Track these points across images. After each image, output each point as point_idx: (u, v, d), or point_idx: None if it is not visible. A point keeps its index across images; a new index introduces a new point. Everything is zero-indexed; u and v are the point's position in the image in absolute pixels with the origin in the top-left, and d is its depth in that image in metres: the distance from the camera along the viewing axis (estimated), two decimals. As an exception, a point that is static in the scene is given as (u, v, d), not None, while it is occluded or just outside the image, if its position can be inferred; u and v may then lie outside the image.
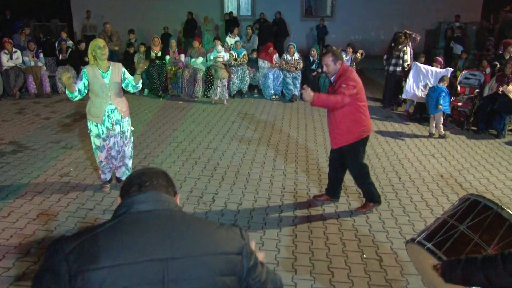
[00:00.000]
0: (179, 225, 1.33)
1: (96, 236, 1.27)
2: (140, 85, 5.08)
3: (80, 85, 4.76)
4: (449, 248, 2.17)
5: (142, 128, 7.89)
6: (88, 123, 5.01)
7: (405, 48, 9.31)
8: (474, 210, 2.23)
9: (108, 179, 5.33)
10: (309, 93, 4.23)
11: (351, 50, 10.25)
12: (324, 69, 4.58)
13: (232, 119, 8.70)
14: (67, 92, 4.76)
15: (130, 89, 5.06)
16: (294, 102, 10.33)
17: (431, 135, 7.75)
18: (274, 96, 10.62)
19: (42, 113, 8.88)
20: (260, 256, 1.54)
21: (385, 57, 9.78)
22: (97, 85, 4.80)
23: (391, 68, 9.49)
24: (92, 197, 5.13)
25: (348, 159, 4.79)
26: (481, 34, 16.74)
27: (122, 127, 5.07)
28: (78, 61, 10.52)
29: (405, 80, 9.02)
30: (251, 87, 11.12)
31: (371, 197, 4.90)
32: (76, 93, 4.74)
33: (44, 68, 10.66)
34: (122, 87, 5.02)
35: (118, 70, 4.95)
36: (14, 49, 10.29)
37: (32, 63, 10.43)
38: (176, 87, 10.71)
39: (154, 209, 1.34)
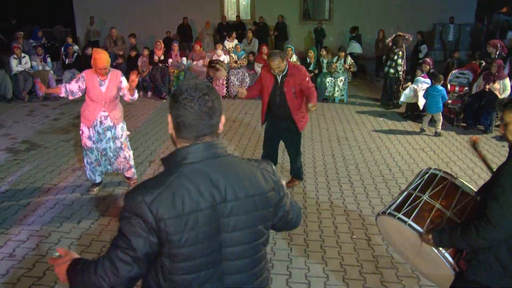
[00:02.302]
0: (227, 172, 1.62)
1: (168, 188, 1.54)
2: (136, 97, 5.14)
3: (74, 86, 4.87)
4: (416, 215, 2.55)
5: (148, 127, 8.30)
6: (81, 124, 5.12)
7: (400, 52, 9.72)
8: (433, 182, 2.62)
9: (97, 181, 5.40)
10: (314, 108, 5.05)
11: (343, 54, 10.68)
12: (276, 70, 5.00)
13: (232, 118, 9.10)
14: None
15: (126, 99, 5.13)
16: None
17: (422, 131, 8.13)
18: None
19: (51, 115, 9.29)
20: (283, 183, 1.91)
21: (384, 57, 10.20)
22: (93, 92, 4.90)
23: (385, 69, 9.93)
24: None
25: (296, 141, 5.48)
26: (475, 35, 17.18)
27: (114, 133, 5.13)
28: (84, 65, 10.93)
29: (403, 85, 9.48)
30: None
31: (299, 174, 5.67)
32: (64, 93, 4.89)
33: (51, 72, 11.08)
34: (118, 95, 5.11)
35: (117, 79, 4.99)
36: (23, 54, 10.72)
37: (40, 68, 10.86)
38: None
39: (206, 159, 1.61)
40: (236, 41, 12.22)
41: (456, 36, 16.90)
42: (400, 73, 9.72)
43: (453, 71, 9.31)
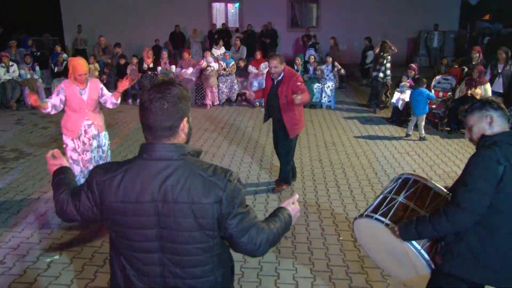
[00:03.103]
0: (173, 175, 1.72)
1: (116, 176, 1.75)
2: (118, 102, 5.11)
3: (56, 100, 4.75)
4: (392, 215, 2.68)
5: (137, 135, 8.36)
6: (64, 137, 5.02)
7: (389, 57, 10.03)
8: (407, 185, 2.78)
9: None
10: (299, 98, 5.10)
11: (330, 59, 10.86)
12: (273, 70, 5.30)
13: (221, 125, 9.20)
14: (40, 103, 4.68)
15: (108, 105, 5.07)
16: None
17: (407, 135, 8.30)
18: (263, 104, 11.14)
19: (40, 123, 9.31)
20: (293, 210, 2.03)
21: (372, 63, 10.43)
22: (75, 101, 4.81)
23: (374, 73, 10.19)
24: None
25: (286, 144, 5.61)
26: (459, 42, 17.54)
27: (99, 141, 5.10)
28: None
29: (391, 89, 9.75)
30: (240, 95, 11.67)
31: (287, 178, 5.81)
32: (50, 108, 4.72)
33: (40, 80, 11.11)
34: (99, 103, 5.06)
35: (96, 87, 4.96)
36: (11, 63, 10.74)
37: (28, 76, 10.88)
38: (168, 96, 11.18)
39: (159, 158, 1.74)
40: (224, 49, 12.35)
41: (440, 42, 17.26)
42: (388, 77, 10.00)
43: (437, 77, 9.52)
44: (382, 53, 10.12)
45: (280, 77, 5.38)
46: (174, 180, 1.71)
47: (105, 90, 5.07)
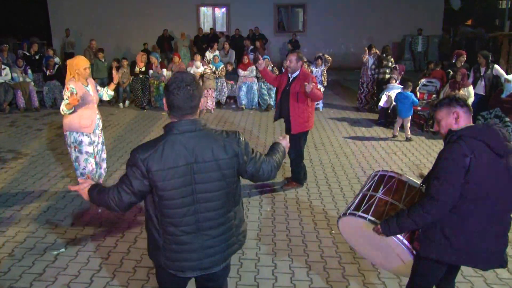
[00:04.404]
0: (199, 142, 2.27)
1: (157, 150, 2.24)
2: (113, 93, 5.64)
3: (77, 97, 4.83)
4: (374, 211, 2.91)
5: (131, 136, 8.54)
6: (74, 136, 5.13)
7: (392, 59, 10.68)
8: (383, 181, 3.01)
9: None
10: (310, 86, 5.25)
11: (320, 62, 11.14)
12: (287, 63, 5.53)
13: (212, 126, 9.38)
14: (65, 109, 4.91)
15: (104, 98, 5.50)
16: (270, 111, 11.09)
17: (394, 136, 8.60)
18: (252, 108, 11.40)
19: (34, 125, 9.43)
20: (284, 143, 2.80)
21: (373, 66, 10.75)
22: (86, 98, 5.07)
23: (381, 75, 10.61)
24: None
25: (293, 144, 5.66)
26: (442, 46, 17.99)
27: (102, 137, 5.50)
28: (65, 76, 11.09)
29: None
30: (229, 98, 11.91)
31: (298, 178, 6.00)
32: (73, 108, 4.94)
33: (32, 83, 11.21)
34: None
35: (93, 83, 5.33)
36: (3, 66, 10.83)
37: (21, 79, 10.99)
38: (159, 99, 11.36)
39: (186, 131, 2.28)
40: (216, 52, 12.59)
41: (424, 47, 17.71)
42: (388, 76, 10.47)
43: (422, 80, 9.87)
44: (385, 55, 10.58)
45: (295, 74, 5.58)
46: (200, 145, 2.27)
47: (98, 86, 5.51)
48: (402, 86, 9.00)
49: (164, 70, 11.60)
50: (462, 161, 2.43)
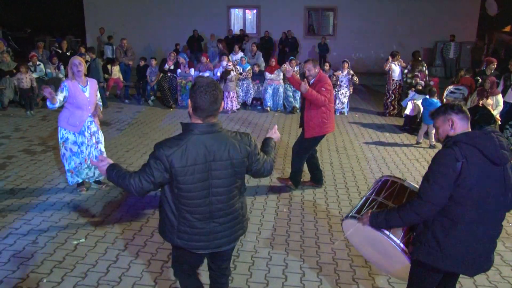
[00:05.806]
0: (217, 143, 2.56)
1: (180, 148, 2.49)
2: (101, 105, 5.66)
3: (60, 96, 5.07)
4: None
5: (155, 134, 8.73)
6: (62, 132, 5.33)
7: (425, 64, 10.83)
8: (386, 186, 3.08)
9: (80, 181, 5.69)
10: (306, 86, 5.41)
11: (346, 65, 11.13)
12: (307, 73, 5.66)
13: (237, 127, 9.52)
14: (48, 103, 5.03)
15: (99, 103, 5.57)
16: (295, 114, 11.14)
17: (418, 143, 8.53)
18: (278, 110, 11.49)
19: (64, 120, 9.74)
20: (275, 136, 3.13)
21: (406, 70, 10.76)
22: (79, 98, 5.16)
23: (409, 80, 10.67)
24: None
25: (300, 142, 5.91)
26: (475, 53, 17.62)
27: (97, 138, 5.55)
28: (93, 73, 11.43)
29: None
30: (255, 99, 12.02)
31: (292, 178, 6.11)
32: (58, 103, 5.04)
33: (64, 79, 11.54)
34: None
35: (94, 86, 5.38)
36: (38, 62, 11.24)
37: (54, 75, 11.37)
38: (186, 98, 11.56)
39: (206, 132, 2.55)
40: (241, 54, 12.71)
41: (456, 53, 17.38)
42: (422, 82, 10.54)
43: (449, 87, 9.74)
44: (420, 60, 10.68)
45: (313, 80, 5.70)
46: (217, 146, 2.57)
47: (98, 93, 5.54)
48: (425, 95, 8.95)
49: (192, 69, 11.79)
50: (453, 165, 2.47)
